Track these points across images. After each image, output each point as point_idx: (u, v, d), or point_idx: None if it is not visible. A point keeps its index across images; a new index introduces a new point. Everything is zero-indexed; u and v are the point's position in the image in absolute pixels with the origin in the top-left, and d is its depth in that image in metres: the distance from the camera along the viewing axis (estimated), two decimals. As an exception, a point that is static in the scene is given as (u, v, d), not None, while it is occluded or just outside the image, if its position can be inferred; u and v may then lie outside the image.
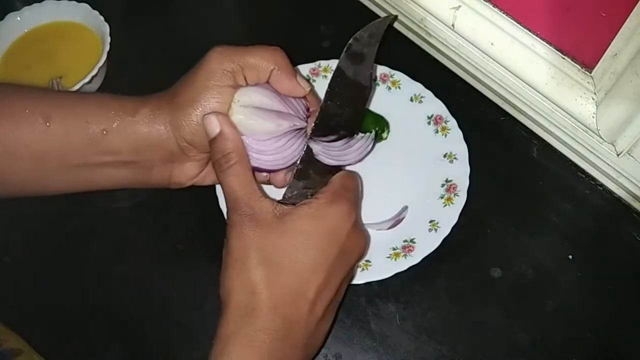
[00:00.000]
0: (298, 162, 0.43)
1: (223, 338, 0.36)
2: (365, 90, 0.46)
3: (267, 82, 0.43)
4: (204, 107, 0.41)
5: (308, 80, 0.44)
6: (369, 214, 0.51)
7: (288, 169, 0.44)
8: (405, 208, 0.51)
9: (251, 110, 0.41)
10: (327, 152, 0.43)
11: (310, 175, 0.42)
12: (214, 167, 0.41)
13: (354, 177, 0.43)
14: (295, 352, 0.37)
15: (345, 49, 0.46)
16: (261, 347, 0.36)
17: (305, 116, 0.44)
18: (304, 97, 0.44)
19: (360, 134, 0.45)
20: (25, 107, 0.40)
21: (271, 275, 0.37)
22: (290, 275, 0.37)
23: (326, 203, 0.39)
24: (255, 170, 0.42)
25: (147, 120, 0.42)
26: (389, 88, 0.57)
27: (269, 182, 0.46)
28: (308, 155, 0.42)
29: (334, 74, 0.45)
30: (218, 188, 0.51)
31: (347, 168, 0.45)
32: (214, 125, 0.40)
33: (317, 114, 0.45)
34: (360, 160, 0.45)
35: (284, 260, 0.37)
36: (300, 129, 0.43)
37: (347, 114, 0.44)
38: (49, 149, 0.40)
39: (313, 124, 0.44)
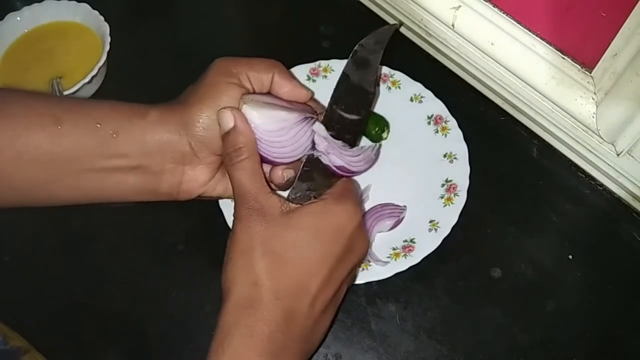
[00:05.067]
0: (302, 163, 0.43)
1: (223, 328, 0.36)
2: (369, 96, 0.47)
3: (269, 93, 0.44)
4: (213, 103, 0.41)
5: (308, 89, 0.45)
6: (369, 214, 0.50)
7: (285, 166, 0.44)
8: (405, 208, 0.51)
9: (261, 103, 0.42)
10: (336, 152, 0.43)
11: (314, 178, 0.42)
12: (225, 161, 0.41)
13: (356, 183, 0.44)
14: (294, 345, 0.37)
15: (351, 54, 0.47)
16: (261, 338, 0.36)
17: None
18: (308, 105, 0.45)
19: (372, 144, 0.46)
20: (37, 109, 0.41)
21: (274, 267, 0.37)
22: (294, 268, 0.37)
23: (333, 201, 0.40)
24: (263, 161, 0.42)
25: (157, 122, 0.42)
26: (389, 88, 0.57)
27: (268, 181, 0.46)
28: (313, 158, 0.43)
29: (339, 80, 0.46)
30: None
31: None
32: (228, 119, 0.40)
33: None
34: (365, 170, 0.45)
35: (288, 254, 0.37)
36: (311, 118, 0.43)
37: (351, 119, 0.45)
38: (59, 151, 0.41)
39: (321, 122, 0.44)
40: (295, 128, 0.42)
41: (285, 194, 0.42)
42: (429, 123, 0.55)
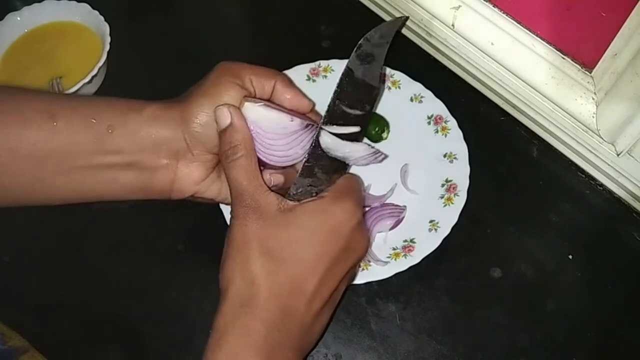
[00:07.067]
0: (304, 159, 0.42)
1: (220, 328, 0.36)
2: (374, 91, 0.46)
3: (270, 100, 0.44)
4: (213, 100, 0.41)
5: (310, 100, 0.45)
6: (369, 214, 0.50)
7: (274, 171, 0.44)
8: (405, 208, 0.51)
9: (262, 104, 0.42)
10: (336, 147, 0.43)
11: (316, 174, 0.42)
12: (221, 158, 0.41)
13: (359, 180, 0.44)
14: (290, 343, 0.37)
15: (355, 48, 0.46)
16: (257, 337, 0.36)
17: None
18: (307, 117, 0.45)
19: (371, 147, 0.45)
20: (32, 106, 0.41)
21: (272, 266, 0.37)
22: (291, 267, 0.37)
23: (331, 200, 0.39)
24: (261, 164, 0.42)
25: (153, 117, 0.42)
26: (389, 88, 0.57)
27: None
28: (315, 153, 0.42)
29: (343, 74, 0.45)
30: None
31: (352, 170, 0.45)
32: (225, 117, 0.40)
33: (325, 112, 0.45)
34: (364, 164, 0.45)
35: (285, 253, 0.37)
36: (312, 125, 0.43)
37: (355, 114, 0.44)
38: (54, 148, 0.40)
39: (322, 118, 0.44)
40: (293, 135, 0.42)
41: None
42: (429, 123, 0.55)
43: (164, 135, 0.42)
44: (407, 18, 0.54)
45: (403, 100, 0.56)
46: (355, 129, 0.44)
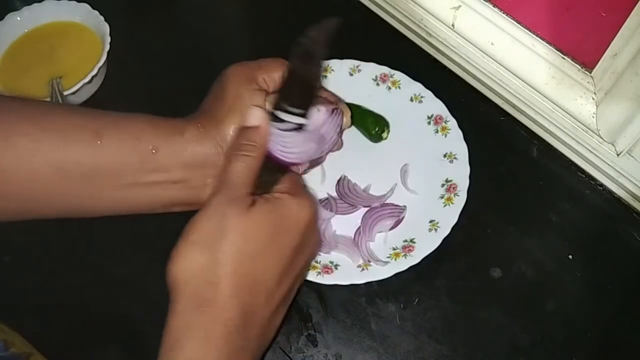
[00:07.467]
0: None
1: (175, 331, 0.35)
2: (315, 90, 0.46)
3: None
4: (243, 115, 0.42)
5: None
6: (369, 214, 0.50)
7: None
8: (405, 208, 0.51)
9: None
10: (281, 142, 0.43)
11: (260, 174, 0.42)
12: (231, 147, 0.41)
13: (301, 178, 0.44)
14: (249, 344, 0.36)
15: (296, 47, 0.46)
16: (217, 339, 0.34)
17: None
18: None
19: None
20: (76, 123, 0.40)
21: (235, 261, 0.36)
22: (252, 262, 0.36)
23: (289, 196, 0.40)
24: (279, 162, 0.43)
25: (196, 139, 0.42)
26: (389, 88, 0.57)
27: None
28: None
29: (284, 73, 0.45)
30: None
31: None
32: (257, 118, 0.41)
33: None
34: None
35: (248, 246, 0.36)
36: (336, 108, 0.44)
37: (298, 112, 0.44)
38: (99, 166, 0.40)
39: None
40: (326, 123, 0.43)
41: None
42: (429, 123, 0.55)
43: (207, 156, 0.42)
44: (342, 21, 0.54)
45: (403, 100, 0.56)
46: (301, 120, 0.43)
